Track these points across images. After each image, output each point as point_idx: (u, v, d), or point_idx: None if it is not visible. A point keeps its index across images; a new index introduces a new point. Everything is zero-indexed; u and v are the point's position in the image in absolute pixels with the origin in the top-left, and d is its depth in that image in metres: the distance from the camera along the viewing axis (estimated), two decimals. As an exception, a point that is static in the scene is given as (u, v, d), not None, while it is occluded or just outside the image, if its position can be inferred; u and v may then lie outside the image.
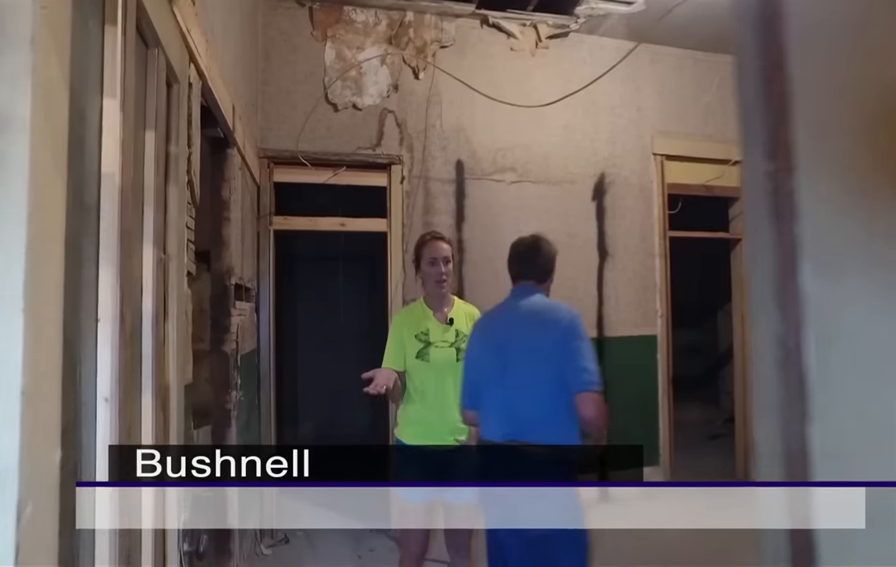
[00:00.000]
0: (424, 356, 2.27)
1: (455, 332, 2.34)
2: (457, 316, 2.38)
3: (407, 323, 2.34)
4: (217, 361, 2.84)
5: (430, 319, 2.34)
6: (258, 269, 3.85)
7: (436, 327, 2.32)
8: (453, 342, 2.32)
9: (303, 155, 3.93)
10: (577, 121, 4.52)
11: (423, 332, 2.30)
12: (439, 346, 2.29)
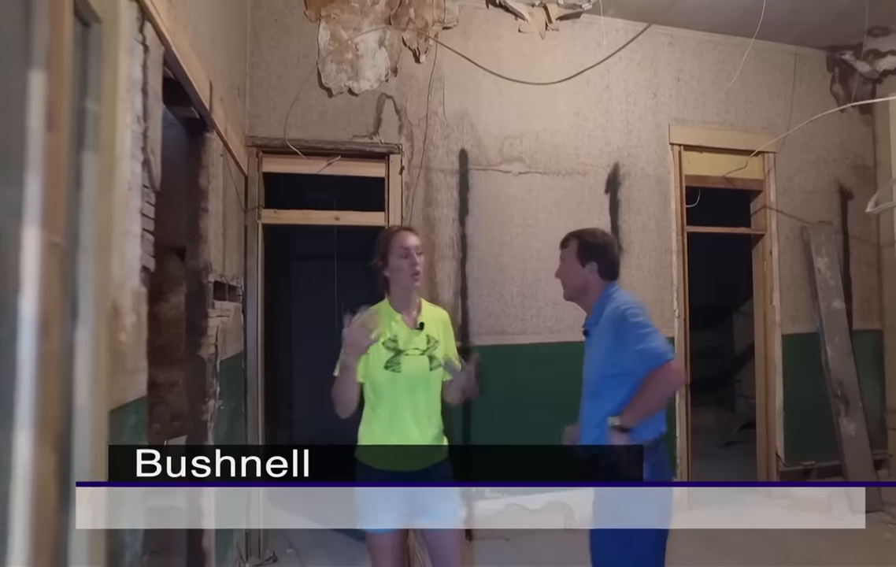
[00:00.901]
0: (394, 366, 1.97)
1: (426, 337, 2.05)
2: (427, 319, 2.09)
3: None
4: (192, 368, 2.56)
5: (398, 324, 2.03)
6: (245, 266, 3.57)
7: (405, 332, 2.02)
8: (425, 349, 2.03)
9: (294, 143, 3.64)
10: (589, 108, 4.22)
11: (392, 338, 2.00)
12: (410, 354, 2.00)
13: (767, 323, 4.60)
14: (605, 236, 2.08)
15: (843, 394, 4.51)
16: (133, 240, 1.56)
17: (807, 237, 4.67)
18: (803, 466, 4.62)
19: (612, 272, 2.04)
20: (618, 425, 1.81)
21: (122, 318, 1.46)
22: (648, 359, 1.78)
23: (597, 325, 1.99)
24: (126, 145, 1.46)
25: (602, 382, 1.93)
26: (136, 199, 1.58)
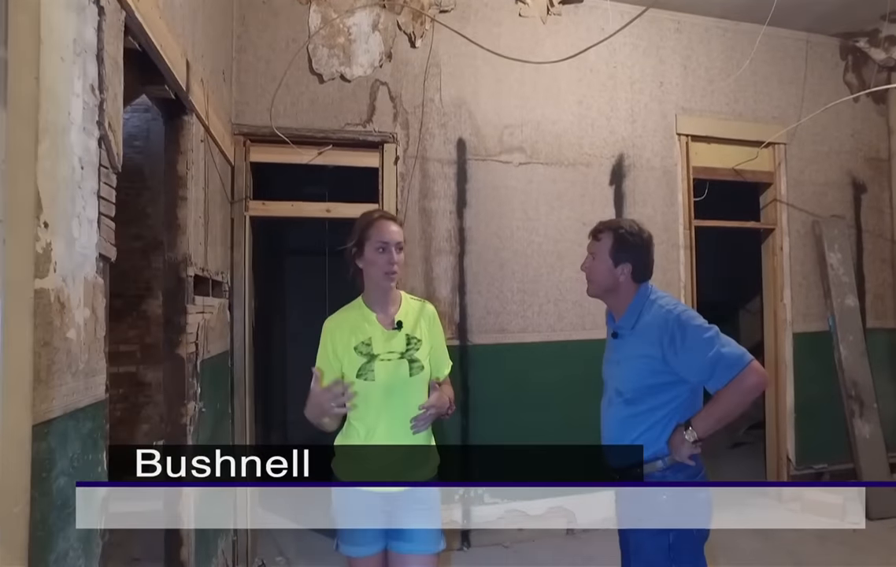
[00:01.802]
0: (367, 374, 1.74)
1: (405, 337, 1.81)
2: (405, 317, 1.84)
3: (341, 331, 1.78)
4: (170, 367, 2.39)
5: (372, 324, 1.80)
6: (231, 260, 3.40)
7: (380, 334, 1.79)
8: (404, 352, 1.79)
9: (283, 131, 3.47)
10: (593, 96, 4.04)
11: (365, 341, 1.77)
12: (386, 359, 1.76)
13: (778, 321, 4.42)
14: (643, 233, 1.85)
15: (857, 394, 4.34)
16: (87, 225, 1.39)
17: (819, 232, 4.49)
18: (815, 470, 4.45)
19: (646, 274, 1.85)
20: (697, 439, 1.67)
21: (71, 312, 1.29)
22: (728, 365, 1.63)
23: (633, 329, 1.81)
24: (75, 116, 1.29)
25: (644, 391, 1.75)
26: (91, 179, 1.40)
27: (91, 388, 1.42)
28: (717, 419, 1.68)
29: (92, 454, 1.46)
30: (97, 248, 1.45)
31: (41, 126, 1.07)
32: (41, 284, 1.14)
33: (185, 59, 2.25)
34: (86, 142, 1.36)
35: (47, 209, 1.16)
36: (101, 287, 1.48)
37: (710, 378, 1.66)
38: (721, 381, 1.64)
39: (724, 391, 1.64)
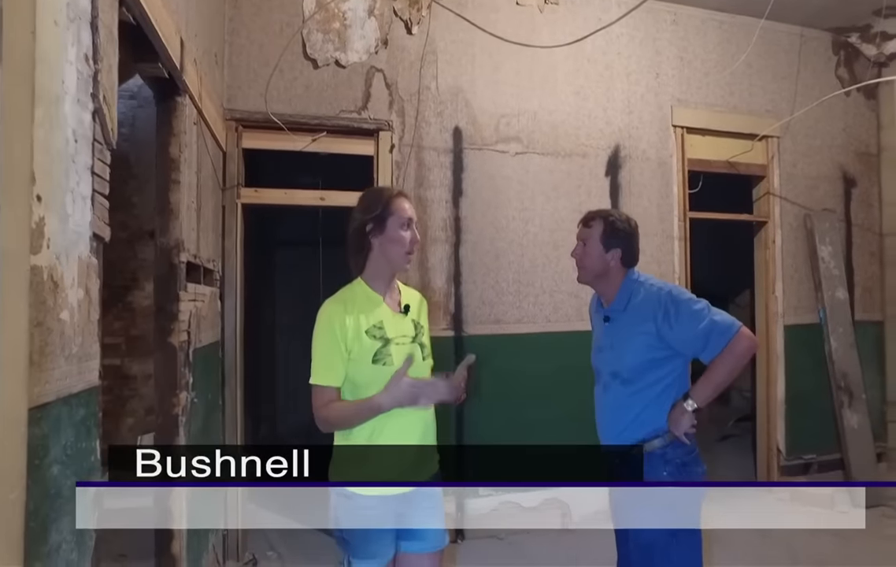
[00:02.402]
0: (384, 358, 1.61)
1: (413, 323, 1.74)
2: (411, 301, 1.77)
3: (350, 313, 1.62)
4: (162, 356, 2.32)
5: (381, 307, 1.68)
6: (223, 248, 3.32)
7: (390, 318, 1.68)
8: (414, 337, 1.71)
9: (277, 117, 3.39)
10: (589, 87, 4.02)
11: (377, 324, 1.64)
12: (400, 343, 1.66)
13: (769, 313, 4.44)
14: (630, 221, 1.94)
15: (846, 386, 4.38)
16: (81, 201, 1.32)
17: (810, 225, 4.52)
18: (804, 460, 4.49)
19: (633, 260, 1.93)
20: (696, 407, 1.75)
21: (64, 292, 1.23)
22: (721, 333, 1.72)
23: (625, 311, 1.87)
24: (69, 85, 1.22)
25: (641, 368, 1.81)
26: (85, 153, 1.34)
27: (85, 373, 1.36)
28: (714, 386, 1.75)
29: (85, 442, 1.40)
30: (91, 226, 1.39)
31: (35, 92, 1.01)
32: (34, 261, 1.08)
33: (179, 37, 2.18)
34: (80, 114, 1.30)
35: (41, 182, 1.10)
36: (95, 268, 1.42)
37: (704, 348, 1.73)
38: (715, 349, 1.72)
39: (718, 359, 1.72)
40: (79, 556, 1.34)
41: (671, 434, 1.77)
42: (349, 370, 1.62)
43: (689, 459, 1.79)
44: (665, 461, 1.77)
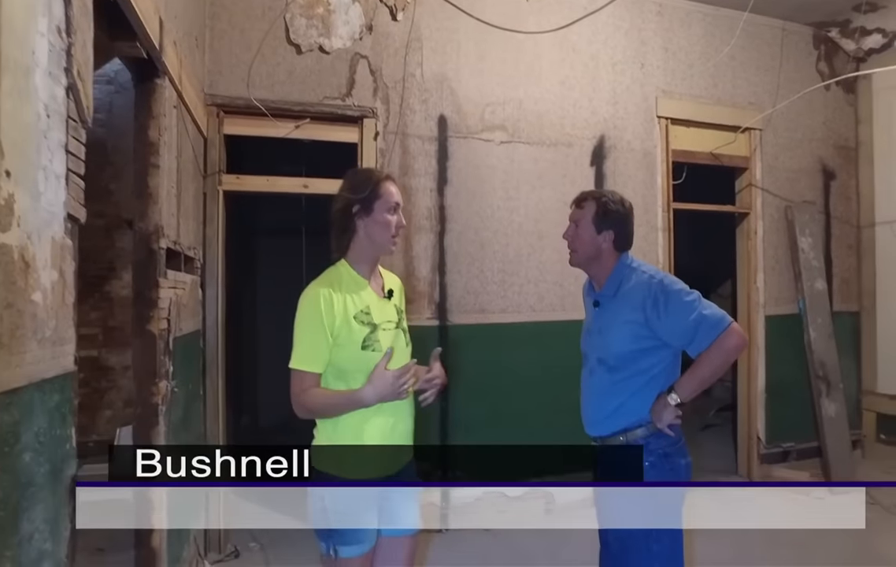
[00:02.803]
0: (373, 344, 1.59)
1: (395, 308, 1.73)
2: (393, 286, 1.76)
3: (337, 298, 1.59)
4: (141, 344, 2.27)
5: (367, 291, 1.66)
6: (204, 235, 3.26)
7: (376, 303, 1.67)
8: (397, 322, 1.72)
9: (259, 103, 3.33)
10: (575, 76, 4.01)
11: (364, 310, 1.62)
12: (386, 329, 1.65)
13: (751, 304, 4.50)
14: (624, 202, 1.87)
15: (824, 375, 4.46)
16: (54, 180, 1.27)
17: (791, 217, 4.58)
18: (783, 448, 4.57)
19: (626, 243, 1.86)
20: (679, 401, 1.70)
21: (37, 273, 1.18)
22: (710, 327, 1.66)
23: (615, 296, 1.81)
24: (40, 57, 1.17)
25: (628, 357, 1.76)
26: (58, 130, 1.29)
27: (59, 358, 1.31)
28: (699, 381, 1.71)
29: (60, 429, 1.35)
30: (65, 206, 1.34)
31: (2, 61, 0.96)
32: (3, 239, 1.04)
33: (158, 17, 2.12)
34: (52, 88, 1.25)
35: (10, 156, 1.05)
36: (70, 249, 1.37)
37: (692, 341, 1.68)
38: (703, 343, 1.67)
39: (706, 354, 1.67)
40: (53, 546, 1.30)
41: (652, 425, 1.73)
42: (336, 356, 1.59)
43: (673, 450, 1.74)
44: (647, 451, 1.73)
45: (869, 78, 4.84)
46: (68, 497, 1.41)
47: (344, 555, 1.60)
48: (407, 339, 1.74)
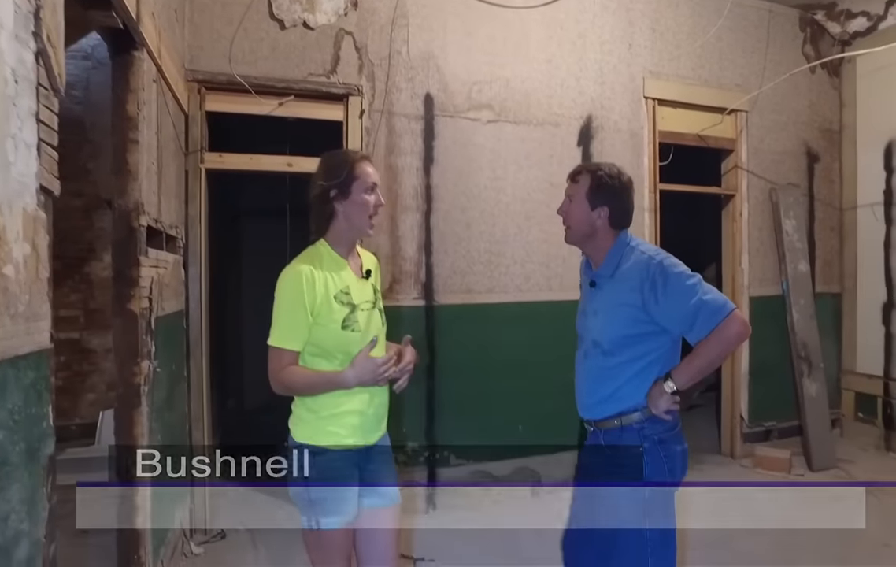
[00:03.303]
0: (352, 324, 1.61)
1: (372, 288, 1.74)
2: (370, 266, 1.77)
3: (318, 278, 1.60)
4: (122, 324, 2.22)
5: (346, 272, 1.67)
6: (187, 214, 3.20)
7: (355, 283, 1.68)
8: (374, 301, 1.73)
9: (242, 79, 3.25)
10: (562, 55, 3.98)
11: (343, 290, 1.63)
12: (364, 309, 1.67)
13: (736, 285, 4.54)
14: (622, 176, 1.75)
15: (806, 355, 4.52)
16: (24, 149, 1.23)
17: (776, 199, 4.61)
18: (765, 427, 4.64)
19: (624, 221, 1.76)
20: (675, 390, 1.61)
21: (8, 246, 1.14)
22: (710, 314, 1.56)
23: (612, 277, 1.71)
24: (4, 19, 1.12)
25: (623, 341, 1.67)
26: (28, 97, 1.24)
27: (33, 334, 1.28)
28: (698, 370, 1.61)
29: (35, 408, 1.32)
30: (38, 177, 1.29)
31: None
32: (-29, 209, 1.00)
33: (133, -16, 2.05)
34: (19, 52, 1.20)
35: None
36: (44, 222, 1.33)
37: (691, 327, 1.59)
38: (703, 331, 1.57)
39: (705, 342, 1.58)
40: (30, 526, 1.28)
41: (648, 410, 1.65)
42: (315, 335, 1.61)
43: (669, 437, 1.67)
44: (642, 436, 1.66)
45: (853, 62, 4.87)
46: (46, 477, 1.38)
47: (325, 526, 1.61)
48: (383, 319, 1.75)
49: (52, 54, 1.35)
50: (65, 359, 5.09)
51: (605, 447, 1.73)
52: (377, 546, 1.72)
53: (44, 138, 1.33)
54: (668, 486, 1.70)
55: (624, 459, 1.68)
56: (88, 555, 2.93)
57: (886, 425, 4.69)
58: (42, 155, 1.32)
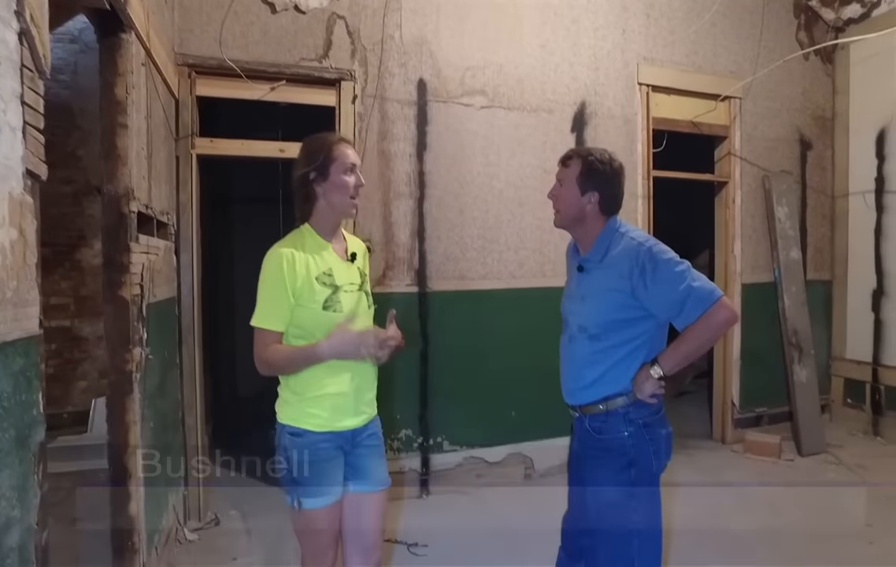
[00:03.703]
0: (334, 305, 1.63)
1: (358, 271, 1.76)
2: (356, 249, 1.79)
3: (300, 260, 1.63)
4: (113, 311, 2.20)
5: (330, 254, 1.70)
6: (178, 200, 3.17)
7: (338, 265, 1.70)
8: (360, 284, 1.75)
9: (233, 64, 3.21)
10: (555, 41, 3.95)
11: (326, 271, 1.66)
12: (348, 291, 1.69)
13: (728, 272, 4.56)
14: (613, 162, 1.76)
15: (797, 342, 4.56)
16: (9, 132, 1.21)
17: (768, 186, 4.62)
18: (756, 413, 4.68)
19: (614, 206, 1.77)
20: (662, 375, 1.63)
21: (-6, 230, 1.13)
22: (698, 300, 1.58)
23: (601, 262, 1.71)
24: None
25: (610, 326, 1.68)
26: (11, 78, 1.22)
27: (21, 320, 1.26)
28: (684, 355, 1.63)
29: (25, 394, 1.31)
30: (24, 161, 1.27)
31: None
32: (-45, 192, 0.98)
33: (119, -37, 2.01)
34: (1, 32, 1.17)
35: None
36: (31, 207, 1.31)
37: (679, 314, 1.60)
38: (690, 316, 1.58)
39: (693, 328, 1.59)
40: (21, 513, 1.27)
41: (633, 395, 1.67)
42: (298, 316, 1.63)
43: (654, 420, 1.69)
44: (627, 421, 1.68)
45: (847, 49, 4.87)
46: (37, 464, 1.37)
47: (307, 506, 1.64)
48: (369, 301, 1.77)
49: (37, 35, 1.33)
50: (56, 346, 5.06)
51: (590, 431, 1.74)
52: (360, 531, 1.74)
53: (29, 121, 1.31)
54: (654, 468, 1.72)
55: (610, 443, 1.70)
56: (82, 542, 2.93)
57: (874, 410, 4.75)
58: (28, 138, 1.30)
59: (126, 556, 2.20)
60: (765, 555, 2.88)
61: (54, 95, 4.79)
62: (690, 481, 3.82)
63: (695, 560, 2.81)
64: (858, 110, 4.87)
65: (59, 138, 4.95)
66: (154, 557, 2.47)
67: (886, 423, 4.67)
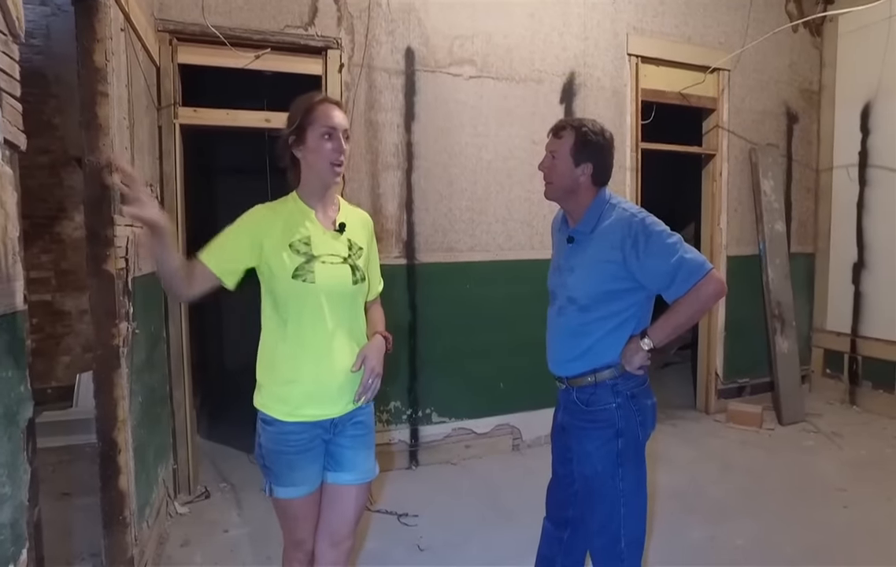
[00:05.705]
0: (305, 275, 1.52)
1: (348, 242, 1.64)
2: (349, 221, 1.66)
3: (273, 223, 1.56)
4: (98, 285, 2.16)
5: (312, 222, 1.59)
6: (161, 172, 3.11)
7: (321, 234, 1.59)
8: (347, 256, 1.61)
9: (216, 30, 3.12)
10: (545, 10, 3.89)
11: (303, 239, 1.55)
12: (327, 262, 1.57)
13: (714, 245, 4.60)
14: (605, 133, 1.73)
15: (780, 314, 4.63)
16: (-14, 101, 1.16)
17: (755, 159, 4.65)
18: (739, 383, 4.78)
19: (605, 177, 1.75)
20: (652, 347, 1.63)
21: (-26, 202, 1.09)
22: (689, 272, 1.58)
23: (592, 233, 1.70)
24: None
25: (601, 297, 1.68)
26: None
27: (5, 296, 1.24)
28: (674, 327, 1.63)
29: (12, 371, 1.29)
30: (1, 131, 1.23)
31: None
32: (-67, 163, 0.95)
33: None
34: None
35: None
36: (10, 178, 1.27)
37: (670, 285, 1.61)
38: (681, 288, 1.59)
39: (683, 300, 1.60)
40: (12, 489, 1.26)
41: (621, 366, 1.68)
42: (269, 283, 1.56)
43: (640, 391, 1.71)
44: (615, 393, 1.69)
45: (835, 21, 4.87)
46: (26, 440, 1.36)
47: (278, 495, 1.59)
48: (357, 276, 1.62)
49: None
50: (37, 321, 4.98)
51: (578, 403, 1.75)
52: (332, 521, 1.66)
53: (4, 88, 1.26)
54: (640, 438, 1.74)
55: (598, 415, 1.71)
56: (73, 517, 2.93)
57: (851, 381, 4.87)
58: (4, 106, 1.26)
59: (117, 529, 2.20)
60: (744, 518, 2.96)
61: (27, 61, 4.61)
62: (675, 450, 3.91)
63: (678, 523, 2.89)
64: (845, 83, 4.89)
65: (33, 106, 4.80)
66: (145, 530, 2.48)
67: (863, 393, 4.79)
